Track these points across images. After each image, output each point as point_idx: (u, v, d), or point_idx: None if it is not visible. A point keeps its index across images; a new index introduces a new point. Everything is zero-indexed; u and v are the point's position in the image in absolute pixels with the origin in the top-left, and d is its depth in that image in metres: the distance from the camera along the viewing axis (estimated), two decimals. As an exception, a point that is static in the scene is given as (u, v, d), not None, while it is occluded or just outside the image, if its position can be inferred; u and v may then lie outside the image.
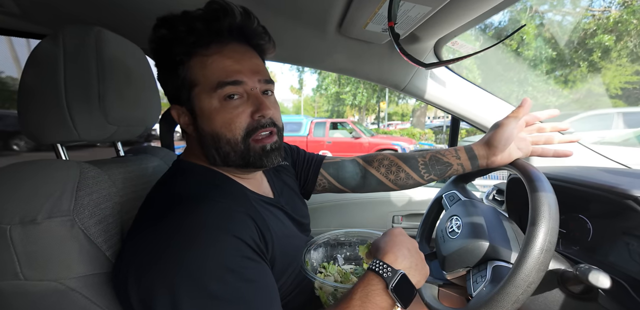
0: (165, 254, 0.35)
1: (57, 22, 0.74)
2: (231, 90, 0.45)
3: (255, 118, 0.46)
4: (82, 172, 0.46)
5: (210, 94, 0.45)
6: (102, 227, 0.45)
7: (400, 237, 0.47)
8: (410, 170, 0.66)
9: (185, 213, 0.39)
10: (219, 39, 0.46)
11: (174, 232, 0.37)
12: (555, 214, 0.45)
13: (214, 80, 0.44)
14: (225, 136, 0.46)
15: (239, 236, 0.39)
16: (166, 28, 0.44)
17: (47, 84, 0.48)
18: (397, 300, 0.39)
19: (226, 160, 0.47)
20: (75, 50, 0.49)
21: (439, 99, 0.93)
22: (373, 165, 0.70)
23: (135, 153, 0.72)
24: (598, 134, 4.36)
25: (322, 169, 0.71)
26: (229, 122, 0.45)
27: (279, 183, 0.63)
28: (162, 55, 0.47)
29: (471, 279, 0.55)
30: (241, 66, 0.46)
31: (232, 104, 0.45)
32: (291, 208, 0.59)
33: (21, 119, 0.50)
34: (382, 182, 0.68)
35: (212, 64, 0.45)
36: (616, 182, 0.57)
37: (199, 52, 0.45)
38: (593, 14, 8.30)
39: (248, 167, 0.49)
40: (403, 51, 0.50)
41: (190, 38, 0.44)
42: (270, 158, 0.49)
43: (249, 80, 0.46)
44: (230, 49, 0.46)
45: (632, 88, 8.20)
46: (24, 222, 0.39)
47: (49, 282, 0.40)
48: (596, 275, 0.44)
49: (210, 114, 0.45)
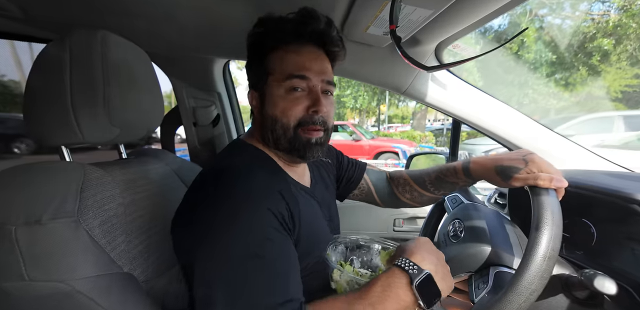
0: (217, 220, 0.42)
1: (61, 26, 0.74)
2: (297, 83, 0.51)
3: (310, 112, 0.52)
4: (86, 174, 0.46)
5: (280, 83, 0.52)
6: (106, 228, 0.45)
7: (429, 245, 0.47)
8: (421, 189, 0.71)
9: (230, 186, 0.44)
10: (300, 40, 0.54)
11: (223, 201, 0.43)
12: (558, 220, 0.45)
13: (286, 72, 0.52)
14: (281, 120, 0.52)
15: (272, 210, 0.43)
16: (262, 26, 0.54)
17: (53, 87, 0.48)
18: (419, 298, 0.39)
19: (277, 143, 0.54)
20: (81, 54, 0.49)
21: (440, 102, 0.93)
22: (394, 182, 0.75)
23: (137, 155, 0.73)
24: (599, 137, 4.35)
25: (365, 174, 0.76)
26: (287, 109, 0.52)
27: (318, 178, 0.67)
28: (254, 48, 0.56)
29: (473, 284, 0.54)
30: (311, 64, 0.53)
31: (294, 95, 0.52)
32: (324, 204, 0.63)
33: (27, 121, 0.50)
34: (402, 201, 0.74)
35: (289, 59, 0.52)
36: (620, 186, 0.56)
37: (281, 47, 0.53)
38: (592, 17, 8.34)
39: (292, 154, 0.54)
40: (405, 54, 0.50)
41: (278, 35, 0.53)
42: (312, 151, 0.54)
43: (314, 78, 0.52)
44: (307, 49, 0.54)
45: (632, 91, 8.20)
46: (29, 223, 0.39)
47: (54, 283, 0.40)
48: (602, 281, 0.43)
49: (275, 100, 0.52)
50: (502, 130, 0.94)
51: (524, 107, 7.89)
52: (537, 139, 0.93)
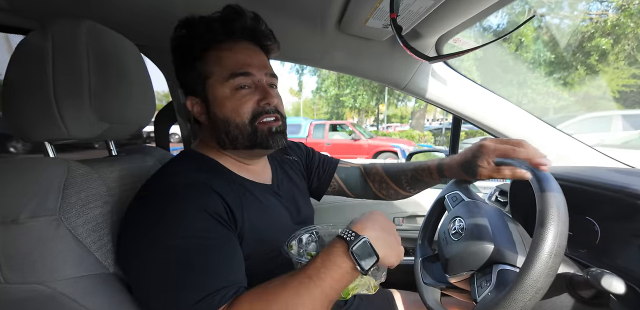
0: (143, 218, 0.43)
1: (47, 15, 0.72)
2: (241, 80, 0.51)
3: (261, 105, 0.51)
4: (69, 170, 0.44)
5: (222, 83, 0.51)
6: (91, 226, 0.44)
7: (377, 216, 0.48)
8: (398, 187, 0.73)
9: (161, 186, 0.46)
10: (233, 37, 0.53)
11: (151, 202, 0.45)
12: (565, 216, 0.43)
13: (227, 72, 0.51)
14: (234, 121, 0.51)
15: (201, 204, 0.44)
16: (187, 28, 0.52)
17: (34, 79, 0.46)
18: (356, 263, 0.40)
19: (235, 143, 0.53)
20: (64, 44, 0.47)
21: (440, 98, 0.91)
22: (370, 178, 0.76)
23: (128, 152, 0.70)
24: (598, 136, 4.37)
25: (335, 173, 0.76)
26: (237, 108, 0.51)
27: (282, 175, 0.67)
28: (182, 52, 0.54)
29: (475, 283, 0.53)
30: (251, 60, 0.52)
31: (241, 93, 0.51)
32: (288, 199, 0.63)
33: (7, 116, 0.48)
34: (377, 196, 0.77)
35: (226, 58, 0.52)
36: (626, 182, 0.55)
37: (213, 47, 0.52)
38: (591, 17, 8.37)
39: (254, 148, 0.54)
40: (406, 44, 0.49)
41: (208, 35, 0.51)
42: (275, 139, 0.53)
43: (257, 73, 0.52)
44: (242, 46, 0.53)
45: (629, 91, 8.24)
46: (5, 222, 0.37)
47: (34, 285, 0.38)
48: (609, 279, 0.42)
49: (222, 101, 0.51)
50: (503, 126, 0.92)
51: (523, 106, 7.82)
52: (538, 136, 0.92)
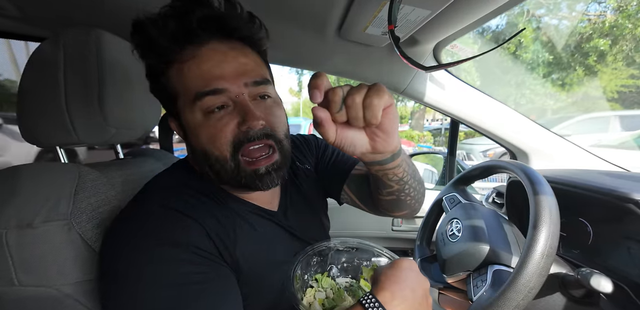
0: (118, 254, 0.37)
1: (58, 24, 0.74)
2: (211, 101, 0.38)
3: (243, 129, 0.39)
4: (80, 176, 0.45)
5: (191, 107, 0.39)
6: (100, 231, 0.45)
7: (408, 273, 0.38)
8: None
9: (133, 226, 0.38)
10: (194, 39, 0.38)
11: (128, 237, 0.38)
12: (556, 218, 0.45)
13: (192, 92, 0.38)
14: (213, 153, 0.40)
15: (180, 243, 0.37)
16: (139, 34, 0.39)
17: (46, 86, 0.48)
18: None
19: (220, 178, 0.42)
20: (75, 53, 0.48)
21: (439, 102, 0.93)
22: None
23: (134, 155, 0.72)
24: (595, 136, 4.39)
25: (345, 185, 0.60)
26: (213, 137, 0.39)
27: (293, 190, 0.57)
28: (146, 65, 0.42)
29: (471, 283, 0.55)
30: (222, 70, 0.38)
31: (216, 117, 0.39)
32: (294, 223, 0.53)
33: (21, 122, 0.50)
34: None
35: (189, 72, 0.38)
36: (616, 185, 0.57)
37: (175, 59, 0.39)
38: (589, 18, 8.39)
39: (242, 189, 0.44)
40: (403, 54, 0.50)
41: (163, 42, 0.38)
42: (265, 181, 0.42)
43: (231, 86, 0.39)
44: (209, 49, 0.39)
45: (627, 91, 8.26)
46: (21, 226, 0.38)
47: (45, 288, 0.39)
48: (598, 279, 0.44)
49: (195, 129, 0.40)
50: (500, 130, 0.94)
51: (521, 107, 7.94)
52: (533, 139, 0.93)
